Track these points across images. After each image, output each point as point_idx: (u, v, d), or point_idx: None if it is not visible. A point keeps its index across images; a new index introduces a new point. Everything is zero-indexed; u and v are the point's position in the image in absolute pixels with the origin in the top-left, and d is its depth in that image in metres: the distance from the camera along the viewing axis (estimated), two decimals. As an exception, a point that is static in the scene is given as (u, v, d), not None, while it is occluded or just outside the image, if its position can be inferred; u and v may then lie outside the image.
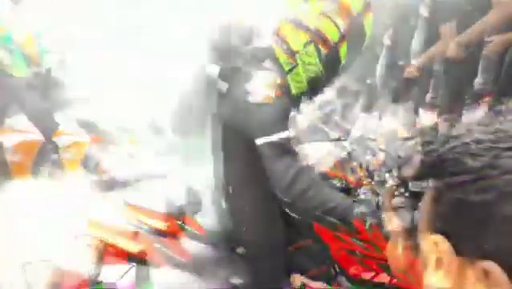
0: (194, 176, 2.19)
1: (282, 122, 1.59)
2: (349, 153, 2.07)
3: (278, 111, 1.58)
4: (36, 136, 2.33)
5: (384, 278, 2.11)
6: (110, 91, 2.82)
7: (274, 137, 1.55)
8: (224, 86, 1.75)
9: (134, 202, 1.99)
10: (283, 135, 1.57)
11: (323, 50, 1.61)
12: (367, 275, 2.18)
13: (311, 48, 1.59)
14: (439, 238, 0.52)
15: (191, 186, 2.08)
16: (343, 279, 2.06)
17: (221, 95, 1.79)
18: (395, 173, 1.65)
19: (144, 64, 2.62)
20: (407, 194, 1.60)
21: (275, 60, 1.68)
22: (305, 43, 1.60)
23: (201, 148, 2.35)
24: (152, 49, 2.57)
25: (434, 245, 0.53)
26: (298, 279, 0.93)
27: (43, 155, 2.42)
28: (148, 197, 2.01)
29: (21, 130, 2.35)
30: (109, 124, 2.56)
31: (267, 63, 1.71)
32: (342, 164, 2.60)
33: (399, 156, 1.84)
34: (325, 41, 1.60)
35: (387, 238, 1.78)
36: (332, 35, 1.60)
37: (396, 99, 3.33)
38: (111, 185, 2.01)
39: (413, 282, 0.61)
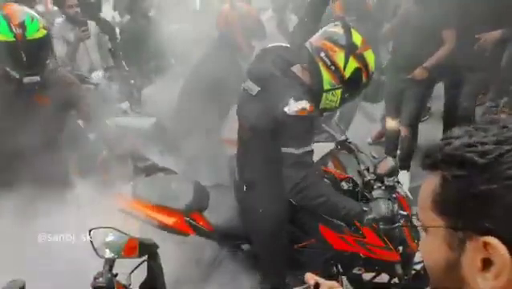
0: (202, 172, 2.24)
1: (309, 136, 1.66)
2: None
3: (308, 125, 1.64)
4: None
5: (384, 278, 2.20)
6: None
7: (299, 150, 1.62)
8: (254, 88, 1.75)
9: (143, 196, 1.99)
10: (307, 149, 1.64)
11: (364, 80, 1.71)
12: (367, 276, 2.26)
13: (358, 75, 1.69)
14: (492, 239, 0.55)
15: (198, 182, 2.10)
16: (344, 279, 2.13)
17: (247, 95, 1.79)
18: (372, 170, 1.88)
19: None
20: (383, 187, 1.73)
21: (317, 75, 1.70)
22: (354, 70, 1.68)
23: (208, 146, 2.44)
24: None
25: (483, 246, 0.56)
26: (311, 278, 0.97)
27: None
28: (156, 193, 2.01)
29: None
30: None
31: (295, 68, 1.76)
32: (342, 163, 2.73)
33: (373, 157, 2.00)
34: (368, 70, 1.70)
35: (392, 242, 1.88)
36: (373, 66, 1.72)
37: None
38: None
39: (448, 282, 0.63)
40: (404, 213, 1.82)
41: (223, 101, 2.36)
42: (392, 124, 3.50)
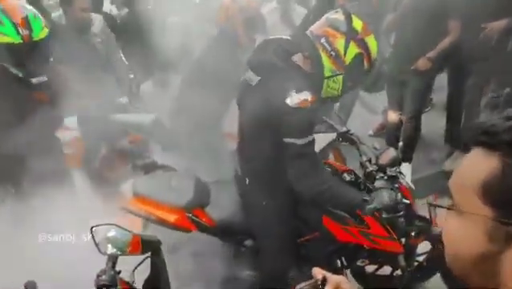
0: (203, 168, 2.24)
1: (311, 127, 1.65)
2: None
3: (310, 116, 1.63)
4: None
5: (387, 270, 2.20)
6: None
7: (301, 141, 1.62)
8: (254, 78, 1.74)
9: (144, 193, 1.98)
10: (310, 139, 1.64)
11: (366, 65, 1.71)
12: (371, 268, 2.26)
13: (359, 61, 1.70)
14: None
15: (200, 178, 2.09)
16: (347, 272, 2.13)
17: (247, 86, 1.78)
18: (374, 161, 1.88)
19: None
20: (385, 178, 1.71)
21: (317, 62, 1.70)
22: (355, 55, 1.68)
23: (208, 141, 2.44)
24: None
25: None
26: (319, 272, 0.97)
27: (90, 148, 2.73)
28: (157, 189, 2.00)
29: (74, 128, 2.60)
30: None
31: (296, 57, 1.74)
32: (342, 155, 2.74)
33: (375, 148, 2.00)
34: (369, 56, 1.70)
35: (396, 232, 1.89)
36: (375, 52, 1.72)
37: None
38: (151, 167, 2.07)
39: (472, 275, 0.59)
40: (407, 201, 1.81)
41: (224, 95, 2.35)
42: (393, 116, 3.47)
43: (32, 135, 1.85)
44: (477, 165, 0.57)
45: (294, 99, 1.59)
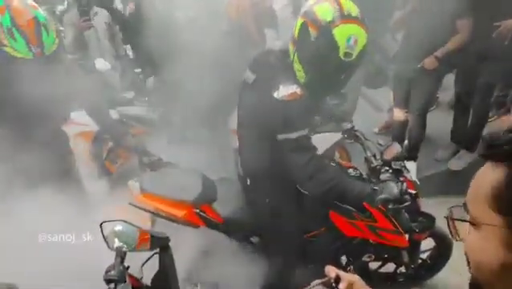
0: (209, 163, 2.25)
1: (302, 120, 1.64)
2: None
3: (301, 109, 1.62)
4: (91, 127, 2.61)
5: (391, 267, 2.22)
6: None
7: (294, 135, 1.61)
8: (251, 77, 1.77)
9: (151, 190, 2.00)
10: (303, 132, 1.63)
11: (312, 32, 1.59)
12: (374, 265, 2.28)
13: (304, 30, 1.60)
14: None
15: (206, 176, 2.10)
16: (351, 269, 2.15)
17: (245, 85, 1.81)
18: (378, 156, 1.91)
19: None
20: (391, 171, 1.74)
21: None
22: (300, 26, 1.63)
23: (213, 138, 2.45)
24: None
25: None
26: (332, 270, 0.99)
27: (97, 143, 2.83)
28: (165, 186, 2.02)
29: (80, 123, 2.64)
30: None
31: None
32: (348, 153, 2.75)
33: (379, 144, 2.01)
34: (315, 23, 1.57)
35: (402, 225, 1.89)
36: (324, 15, 1.56)
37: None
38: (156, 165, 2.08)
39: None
40: (413, 192, 1.81)
41: (232, 91, 2.34)
42: (400, 114, 3.44)
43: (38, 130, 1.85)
44: (486, 177, 0.60)
45: (281, 92, 1.60)
